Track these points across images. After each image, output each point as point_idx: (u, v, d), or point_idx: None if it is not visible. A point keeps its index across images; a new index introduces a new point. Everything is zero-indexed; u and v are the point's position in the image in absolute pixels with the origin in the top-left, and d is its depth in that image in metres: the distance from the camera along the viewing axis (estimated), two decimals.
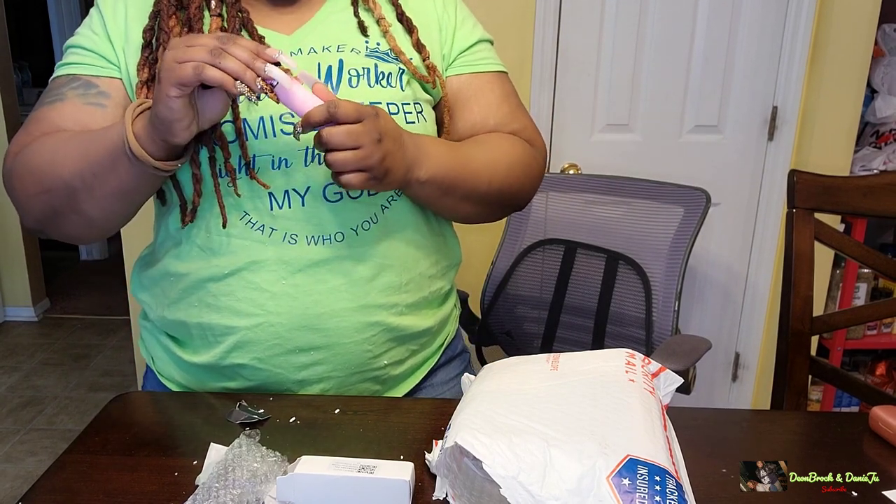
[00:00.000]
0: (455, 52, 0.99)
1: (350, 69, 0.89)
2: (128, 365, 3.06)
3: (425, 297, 0.97)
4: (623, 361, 0.77)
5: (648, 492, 0.59)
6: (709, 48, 2.04)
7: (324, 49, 0.90)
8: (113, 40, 0.90)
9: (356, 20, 0.93)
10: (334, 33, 0.92)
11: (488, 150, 0.96)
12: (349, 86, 0.88)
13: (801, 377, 1.24)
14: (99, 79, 0.89)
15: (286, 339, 0.88)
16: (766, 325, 2.22)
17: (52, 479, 0.73)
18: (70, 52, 0.92)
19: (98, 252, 4.50)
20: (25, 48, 4.80)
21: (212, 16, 0.88)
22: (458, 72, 0.99)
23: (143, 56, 0.88)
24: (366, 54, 0.91)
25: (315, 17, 0.93)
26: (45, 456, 2.44)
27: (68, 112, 0.87)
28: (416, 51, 0.95)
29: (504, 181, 0.95)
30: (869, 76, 2.10)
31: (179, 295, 0.91)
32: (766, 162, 2.13)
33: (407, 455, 0.75)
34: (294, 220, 0.86)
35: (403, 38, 0.94)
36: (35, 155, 0.84)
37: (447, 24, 0.98)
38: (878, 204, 1.19)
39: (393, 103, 0.90)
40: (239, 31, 0.88)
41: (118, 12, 0.91)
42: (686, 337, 1.46)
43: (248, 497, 0.67)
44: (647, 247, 1.58)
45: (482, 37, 1.02)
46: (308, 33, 0.91)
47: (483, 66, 1.00)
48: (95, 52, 0.90)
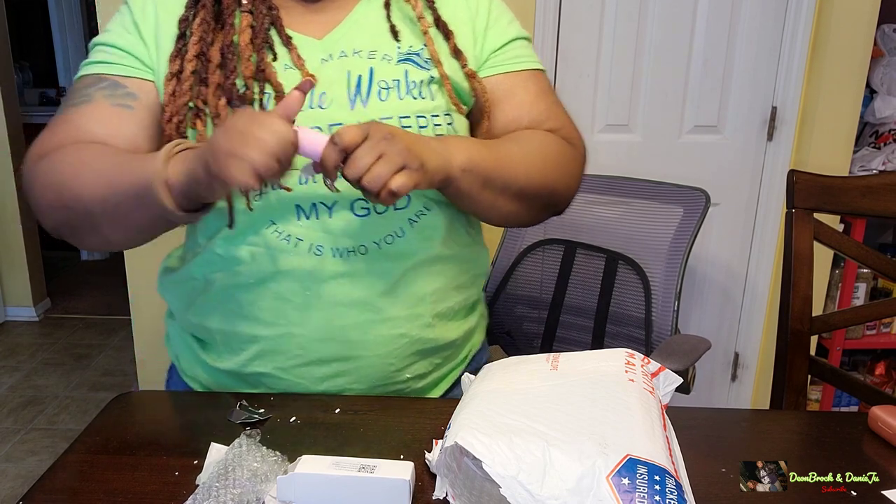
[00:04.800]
0: (487, 53, 0.96)
1: (380, 80, 0.87)
2: (128, 365, 3.06)
3: (451, 308, 0.95)
4: (623, 361, 0.77)
5: (648, 491, 0.59)
6: (709, 48, 2.04)
7: (354, 53, 0.88)
8: (144, 36, 0.88)
9: (388, 24, 0.91)
10: (366, 37, 0.90)
11: (522, 144, 0.93)
12: (379, 98, 0.87)
13: (800, 377, 1.24)
14: (127, 79, 0.87)
15: (308, 350, 0.88)
16: (766, 324, 2.22)
17: (52, 479, 0.73)
18: (98, 50, 0.90)
19: (99, 252, 4.50)
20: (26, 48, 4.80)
21: (242, 12, 0.87)
22: (490, 72, 0.96)
23: (176, 47, 0.87)
24: (397, 60, 0.89)
25: (347, 18, 0.91)
26: (45, 456, 2.44)
27: (95, 114, 0.86)
28: (454, 57, 0.92)
29: (541, 175, 0.92)
30: (868, 76, 2.10)
31: (205, 300, 0.91)
32: (765, 162, 2.13)
33: (407, 455, 0.75)
34: (320, 231, 0.85)
35: (441, 44, 0.92)
36: (58, 167, 0.82)
37: (479, 24, 0.96)
38: (877, 204, 1.19)
39: (422, 115, 0.88)
40: (267, 30, 0.87)
41: (147, 7, 0.90)
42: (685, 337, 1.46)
43: (249, 497, 0.67)
44: (647, 247, 1.58)
45: (517, 34, 0.98)
46: (339, 38, 0.89)
47: (516, 64, 0.97)
48: (125, 50, 0.88)
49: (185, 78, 0.85)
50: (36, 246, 3.56)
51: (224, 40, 0.86)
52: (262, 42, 0.86)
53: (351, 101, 0.86)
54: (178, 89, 0.85)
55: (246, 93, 0.84)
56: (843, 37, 2.01)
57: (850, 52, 2.02)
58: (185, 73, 0.85)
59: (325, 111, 0.86)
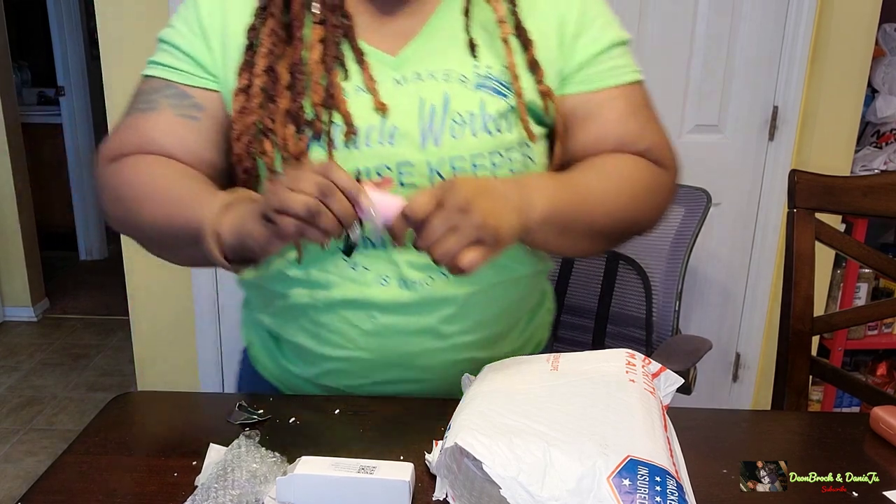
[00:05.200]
0: (573, 67, 0.87)
1: (454, 113, 0.82)
2: (127, 365, 3.06)
3: (517, 320, 0.94)
4: (623, 361, 0.76)
5: (649, 492, 0.59)
6: (709, 48, 2.04)
7: (429, 76, 0.83)
8: (210, 40, 0.85)
9: (467, 36, 0.85)
10: (442, 52, 0.84)
11: (605, 177, 0.85)
12: (452, 136, 0.82)
13: (801, 377, 1.23)
14: (193, 89, 0.85)
15: (375, 373, 0.89)
16: (767, 325, 2.22)
17: (51, 480, 0.73)
18: (164, 50, 0.87)
19: (98, 252, 4.50)
20: (25, 48, 4.80)
21: (314, 23, 0.83)
22: (574, 90, 0.87)
23: (244, 59, 0.83)
24: (474, 84, 0.83)
25: (424, 28, 0.85)
26: (44, 456, 2.43)
27: (162, 123, 0.85)
28: (531, 71, 0.85)
29: (624, 213, 0.86)
30: (869, 76, 2.10)
31: (281, 309, 0.91)
32: (766, 162, 2.12)
33: (407, 455, 0.75)
34: (387, 262, 0.83)
35: (519, 53, 0.85)
36: (125, 183, 0.83)
37: (568, 31, 0.87)
38: (878, 204, 1.18)
39: (497, 152, 0.83)
40: (339, 44, 0.82)
41: (215, 7, 0.85)
42: (686, 337, 1.46)
43: (248, 497, 0.67)
44: (648, 247, 1.58)
45: (612, 41, 0.89)
46: (414, 54, 0.84)
47: (605, 80, 0.88)
48: (190, 55, 0.85)
49: (255, 94, 0.82)
50: (34, 246, 3.56)
51: (293, 56, 0.82)
52: (333, 59, 0.82)
53: (422, 137, 0.82)
54: (247, 106, 0.83)
55: (315, 122, 0.81)
56: (845, 36, 2.00)
57: (852, 52, 2.02)
58: (254, 87, 0.82)
59: (395, 148, 0.81)
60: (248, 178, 0.84)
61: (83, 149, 4.30)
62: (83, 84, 4.24)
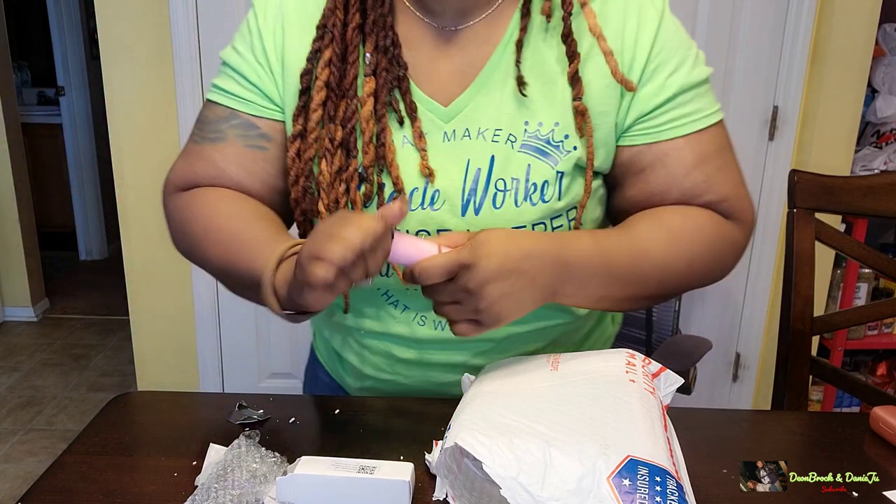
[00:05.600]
0: (632, 120, 0.81)
1: (498, 179, 0.79)
2: (127, 365, 3.06)
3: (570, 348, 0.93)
4: (623, 361, 0.76)
5: (649, 492, 0.59)
6: (709, 48, 2.03)
7: (479, 134, 0.80)
8: (274, 71, 0.84)
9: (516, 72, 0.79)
10: (494, 105, 0.80)
11: (663, 240, 0.79)
12: (493, 206, 0.79)
13: (801, 377, 1.23)
14: (259, 119, 0.85)
15: (414, 393, 0.93)
16: (767, 325, 2.22)
17: (51, 480, 0.73)
18: (228, 76, 0.86)
19: (97, 252, 4.50)
20: (25, 48, 4.80)
21: (366, 75, 0.80)
22: (632, 142, 0.82)
23: (299, 105, 0.82)
24: (522, 144, 0.79)
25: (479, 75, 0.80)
26: (44, 456, 2.44)
27: (230, 154, 0.85)
28: (570, 84, 0.79)
29: (682, 277, 0.81)
30: (869, 76, 2.10)
31: (335, 326, 0.95)
32: (766, 162, 2.12)
33: (407, 455, 0.75)
34: (425, 302, 0.77)
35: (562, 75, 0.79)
36: (193, 218, 0.85)
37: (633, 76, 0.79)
38: (878, 204, 1.18)
39: (541, 222, 0.80)
40: (391, 90, 0.80)
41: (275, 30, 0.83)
42: (686, 337, 1.46)
43: (248, 497, 0.67)
44: None
45: (682, 86, 0.80)
46: (465, 105, 0.80)
47: (670, 131, 0.81)
48: (255, 84, 0.85)
49: (311, 130, 0.81)
50: (35, 246, 3.56)
51: (347, 106, 0.80)
52: (385, 108, 0.80)
53: (463, 205, 0.80)
54: (304, 146, 0.82)
55: (365, 186, 0.80)
56: (845, 36, 2.00)
57: (852, 52, 2.02)
58: (309, 139, 0.81)
59: (436, 213, 0.80)
60: (305, 220, 0.85)
61: (83, 149, 4.31)
62: (83, 84, 4.25)
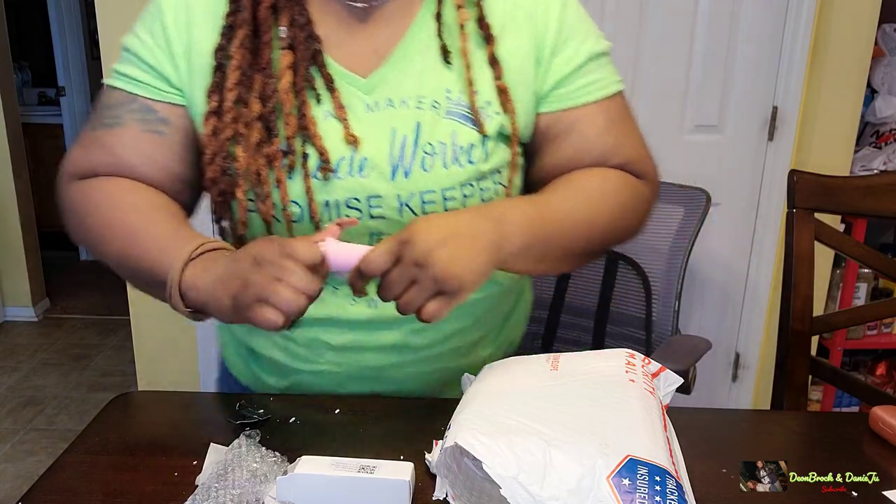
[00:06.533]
0: (549, 87, 0.85)
1: (426, 144, 0.80)
2: (128, 365, 3.06)
3: (491, 328, 0.93)
4: (623, 361, 0.76)
5: (648, 492, 0.59)
6: (709, 48, 2.04)
7: (402, 103, 0.81)
8: (175, 53, 0.82)
9: (439, 43, 0.82)
10: (416, 75, 0.82)
11: (583, 197, 0.84)
12: (422, 168, 0.80)
13: (801, 377, 1.23)
14: (158, 103, 0.83)
15: (347, 386, 0.90)
16: (767, 325, 2.22)
17: (51, 479, 0.73)
18: (128, 60, 0.84)
19: None
20: (25, 48, 4.80)
21: (281, 48, 0.80)
22: (549, 108, 0.86)
23: (214, 81, 0.80)
24: (446, 111, 0.81)
25: (399, 46, 0.82)
26: (44, 456, 2.43)
27: (128, 140, 0.83)
28: (490, 65, 0.82)
29: (604, 231, 0.85)
30: (869, 76, 2.10)
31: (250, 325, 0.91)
32: (766, 162, 2.13)
33: (407, 455, 0.75)
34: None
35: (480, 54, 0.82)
36: (93, 210, 0.82)
37: (545, 52, 0.84)
38: (878, 204, 1.18)
39: (469, 183, 0.81)
40: (309, 66, 0.80)
41: (177, 11, 0.82)
42: (686, 337, 1.46)
43: (248, 497, 0.67)
44: (647, 247, 1.58)
45: (589, 54, 0.86)
46: (386, 77, 0.82)
47: (582, 97, 0.86)
48: (154, 68, 0.83)
49: (226, 123, 0.80)
50: (35, 246, 3.56)
51: (263, 81, 0.79)
52: (304, 84, 0.80)
53: (392, 169, 0.80)
54: (219, 127, 0.80)
55: (289, 157, 0.79)
56: (844, 36, 2.01)
57: (851, 52, 2.02)
58: (226, 118, 0.80)
59: (364, 180, 0.80)
60: (224, 201, 0.82)
61: None
62: (83, 84, 4.25)
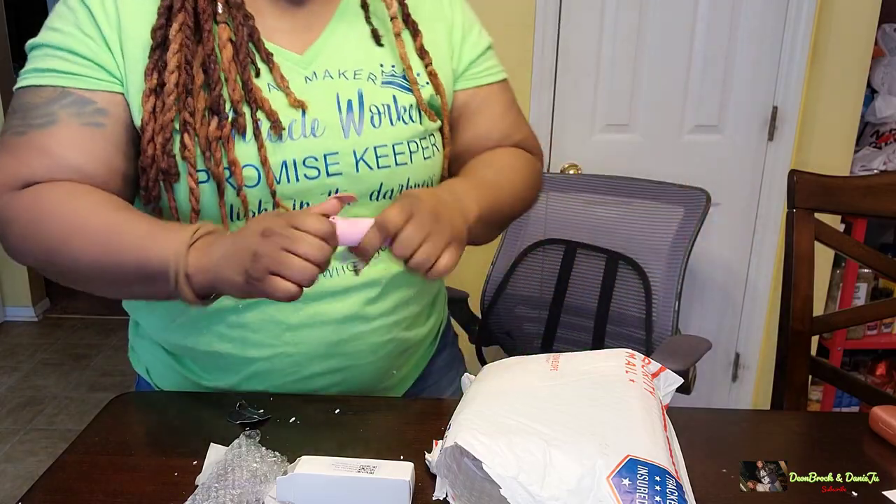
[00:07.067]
0: (463, 66, 0.96)
1: (371, 105, 0.86)
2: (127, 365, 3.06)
3: (428, 301, 0.98)
4: (623, 361, 0.77)
5: (648, 492, 0.59)
6: (709, 48, 2.04)
7: (340, 74, 0.86)
8: (109, 41, 0.80)
9: (369, 28, 0.89)
10: (349, 51, 0.87)
11: (507, 172, 0.95)
12: (372, 126, 0.85)
13: (801, 377, 1.23)
14: (95, 93, 0.79)
15: (303, 367, 0.88)
16: (766, 325, 2.22)
17: (51, 479, 0.73)
18: (49, 55, 0.80)
19: None
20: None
21: (218, 23, 0.81)
22: (465, 86, 0.96)
23: (152, 59, 0.79)
24: (382, 82, 0.88)
25: (328, 28, 0.87)
26: (44, 456, 2.43)
27: (65, 138, 0.78)
28: (419, 56, 0.91)
29: (522, 202, 0.98)
30: (869, 76, 2.10)
31: (188, 321, 0.88)
32: (766, 162, 2.13)
33: (407, 455, 0.75)
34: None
35: (409, 43, 0.91)
36: (46, 217, 0.76)
37: (456, 37, 0.95)
38: (878, 204, 1.19)
39: (414, 140, 0.88)
40: (246, 44, 0.82)
41: (108, 7, 0.80)
42: (686, 337, 1.47)
43: (248, 497, 0.67)
44: (647, 247, 1.58)
45: (488, 43, 0.99)
46: (321, 52, 0.86)
47: (489, 76, 0.98)
48: (88, 58, 0.79)
49: (169, 91, 0.78)
50: None
51: (204, 54, 0.80)
52: (245, 57, 0.81)
53: (344, 128, 0.84)
54: (160, 104, 0.79)
55: (238, 119, 0.80)
56: (844, 36, 2.01)
57: (851, 52, 2.02)
58: (169, 85, 0.78)
59: (319, 139, 0.82)
60: (166, 179, 0.80)
61: None
62: None
